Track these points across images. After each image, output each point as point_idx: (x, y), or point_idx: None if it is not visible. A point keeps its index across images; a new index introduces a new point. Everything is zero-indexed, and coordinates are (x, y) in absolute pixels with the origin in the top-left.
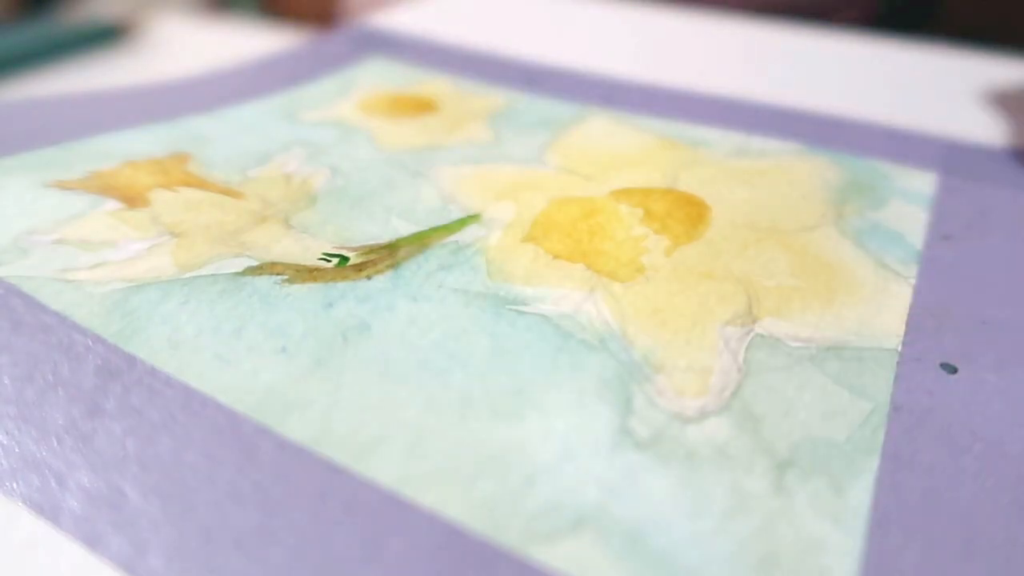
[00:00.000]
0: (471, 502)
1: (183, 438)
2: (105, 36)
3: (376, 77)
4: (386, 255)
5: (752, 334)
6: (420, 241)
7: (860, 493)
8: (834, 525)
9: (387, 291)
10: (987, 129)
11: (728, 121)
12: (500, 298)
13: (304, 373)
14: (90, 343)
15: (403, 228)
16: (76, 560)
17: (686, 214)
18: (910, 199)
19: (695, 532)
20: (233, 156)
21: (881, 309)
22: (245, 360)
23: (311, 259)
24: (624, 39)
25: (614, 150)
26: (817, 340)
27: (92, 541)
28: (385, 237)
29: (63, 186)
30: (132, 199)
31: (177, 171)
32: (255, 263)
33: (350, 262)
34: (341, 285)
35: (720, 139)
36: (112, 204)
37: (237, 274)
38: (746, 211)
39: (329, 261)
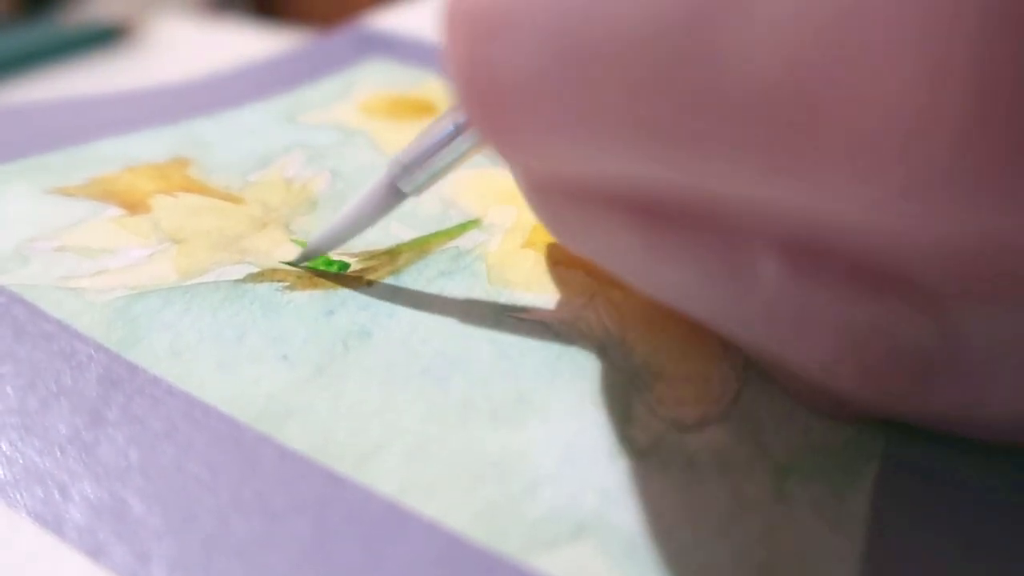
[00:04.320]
0: (472, 510)
1: (185, 447)
2: (105, 37)
3: (376, 79)
4: (387, 261)
5: None
6: (420, 247)
7: (860, 498)
8: (834, 531)
9: (388, 298)
10: None
11: None
12: (501, 304)
13: (305, 381)
14: (92, 352)
15: (403, 233)
16: (79, 571)
17: None
18: None
19: (696, 539)
20: (233, 160)
21: None
22: (246, 368)
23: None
24: None
25: None
26: None
27: (95, 552)
28: (385, 243)
29: (64, 192)
30: (133, 205)
31: (178, 176)
32: (256, 269)
33: (351, 268)
34: (342, 292)
35: None
36: (113, 210)
37: (238, 281)
38: None
39: (330, 267)
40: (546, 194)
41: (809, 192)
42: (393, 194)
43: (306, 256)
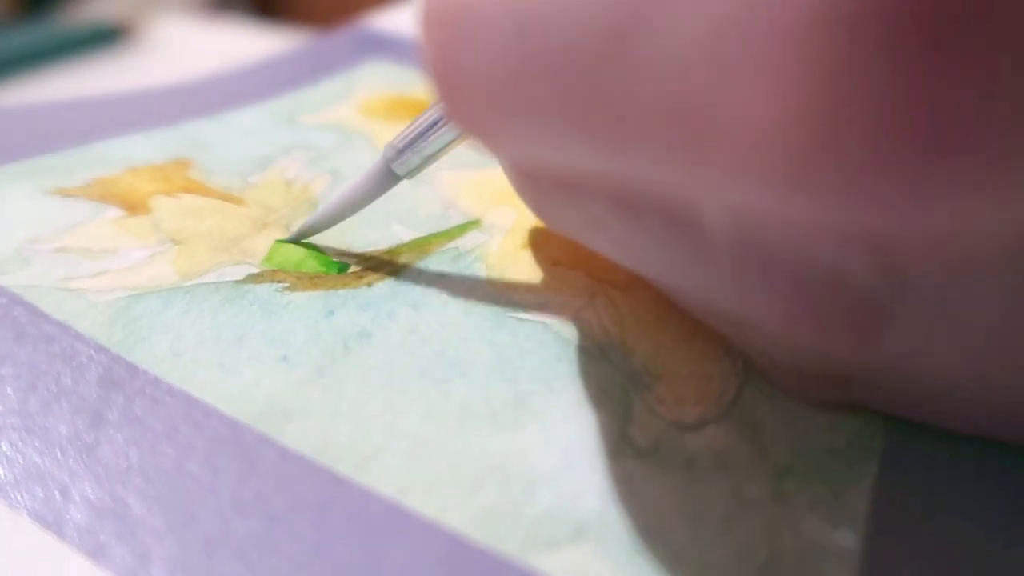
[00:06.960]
0: (472, 511)
1: (185, 448)
2: (105, 37)
3: (376, 79)
4: (387, 261)
5: None
6: (420, 247)
7: (860, 498)
8: (834, 531)
9: (388, 298)
10: None
11: None
12: (500, 306)
13: (305, 382)
14: (93, 353)
15: (403, 234)
16: (79, 572)
17: None
18: None
19: (695, 539)
20: (234, 161)
21: None
22: (247, 369)
23: (312, 266)
24: None
25: None
26: None
27: (95, 553)
28: (385, 243)
29: (65, 193)
30: (133, 206)
31: (178, 177)
32: (256, 270)
33: (351, 269)
34: (342, 292)
35: None
36: (113, 211)
37: (238, 282)
38: None
39: (330, 268)
40: (526, 178)
41: (710, 182)
42: (387, 176)
43: (301, 234)
